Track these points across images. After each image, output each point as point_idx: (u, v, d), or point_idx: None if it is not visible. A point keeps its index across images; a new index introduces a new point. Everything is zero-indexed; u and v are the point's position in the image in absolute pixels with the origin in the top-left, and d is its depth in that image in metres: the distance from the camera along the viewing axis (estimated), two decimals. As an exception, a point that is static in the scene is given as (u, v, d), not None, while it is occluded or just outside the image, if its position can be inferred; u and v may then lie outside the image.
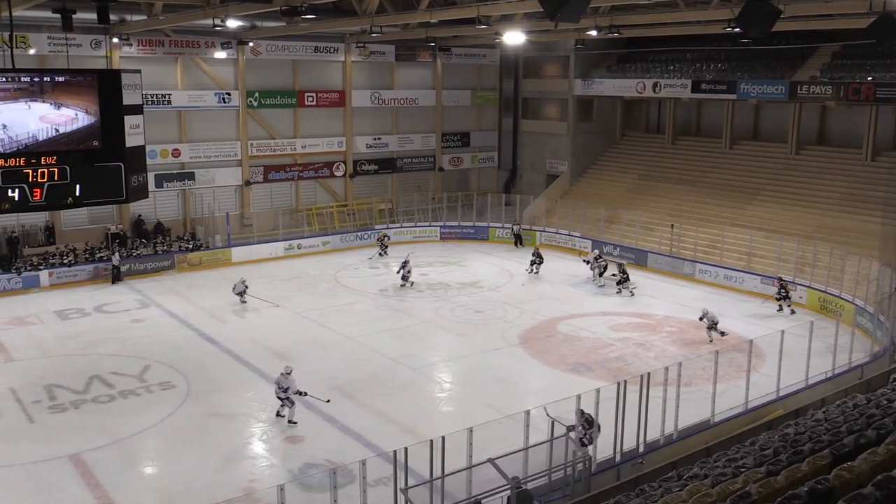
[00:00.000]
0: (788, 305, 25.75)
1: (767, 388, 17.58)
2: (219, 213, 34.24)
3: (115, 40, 31.32)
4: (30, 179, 16.84)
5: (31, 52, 29.52)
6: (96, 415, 18.36)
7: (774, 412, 16.67)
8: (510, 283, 29.75)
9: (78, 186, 17.37)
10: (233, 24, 28.47)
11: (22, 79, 17.04)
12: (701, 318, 23.18)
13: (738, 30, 21.26)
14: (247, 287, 27.06)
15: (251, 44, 34.73)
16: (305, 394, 17.75)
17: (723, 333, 22.89)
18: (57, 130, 17.12)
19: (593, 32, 28.76)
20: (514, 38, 30.45)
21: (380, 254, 33.93)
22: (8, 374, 20.80)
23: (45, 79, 17.24)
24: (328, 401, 18.26)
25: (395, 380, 20.28)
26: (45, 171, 16.91)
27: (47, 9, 22.02)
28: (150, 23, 28.38)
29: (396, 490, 12.17)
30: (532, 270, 30.74)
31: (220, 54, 34.06)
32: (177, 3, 26.01)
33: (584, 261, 29.57)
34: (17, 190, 16.65)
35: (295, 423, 17.54)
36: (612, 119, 41.76)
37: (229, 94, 34.94)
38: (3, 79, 16.88)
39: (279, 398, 17.72)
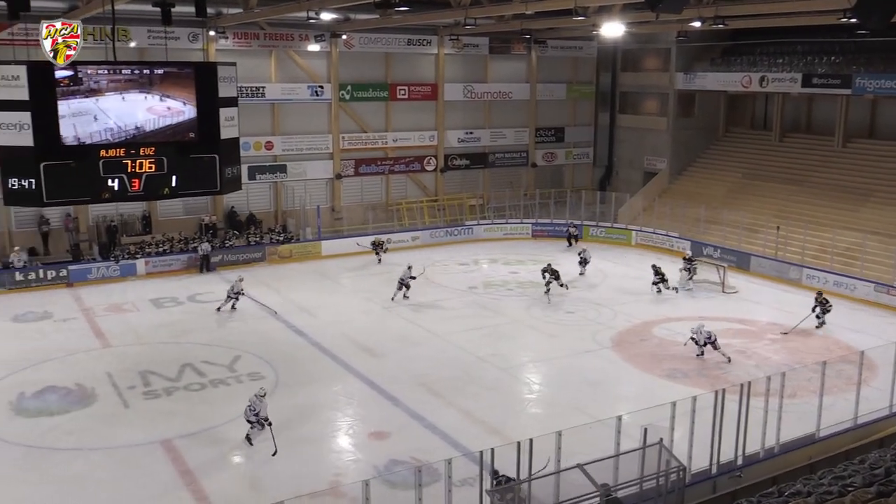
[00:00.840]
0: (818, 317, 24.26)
1: (879, 402, 16.87)
2: (310, 206, 34.94)
3: (212, 33, 32.36)
4: (129, 170, 17.59)
5: (132, 44, 30.74)
6: (188, 402, 19.02)
7: (887, 429, 16.00)
8: (603, 283, 29.38)
9: (174, 177, 18.07)
10: (326, 16, 29.06)
11: (122, 70, 17.83)
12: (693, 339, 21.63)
13: (854, 20, 20.46)
14: (242, 290, 25.89)
15: (344, 36, 35.30)
16: (270, 424, 16.38)
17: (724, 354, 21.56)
18: (163, 122, 17.81)
19: (697, 24, 28.09)
20: (612, 29, 30.05)
21: (378, 261, 32.62)
22: (105, 360, 21.77)
23: (145, 71, 18.00)
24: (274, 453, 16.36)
25: (482, 379, 20.32)
26: (144, 161, 17.64)
27: (147, 2, 22.85)
28: (246, 16, 29.18)
29: (482, 492, 12.20)
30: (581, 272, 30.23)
31: (314, 47, 34.77)
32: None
33: (654, 283, 28.64)
34: (116, 180, 17.44)
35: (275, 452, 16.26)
36: (715, 114, 40.75)
37: (322, 87, 35.60)
38: (106, 70, 17.72)
39: (248, 420, 16.50)
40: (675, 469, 13.21)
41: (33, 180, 16.58)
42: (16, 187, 16.74)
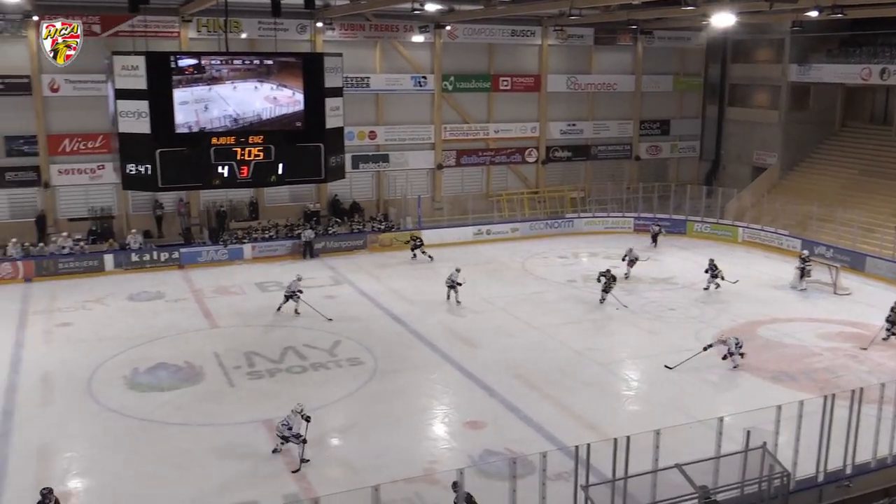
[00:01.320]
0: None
1: None
2: (411, 196, 35.29)
3: (319, 24, 32.97)
4: (238, 157, 18.10)
5: (243, 36, 31.63)
6: (289, 384, 19.51)
7: None
8: (707, 280, 28.63)
9: (281, 165, 18.50)
10: (431, 7, 29.24)
11: (241, 61, 18.34)
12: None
13: None
14: (300, 290, 24.63)
15: (448, 27, 35.43)
16: (305, 442, 15.37)
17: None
18: (279, 111, 18.26)
19: (813, 13, 26.96)
20: (723, 20, 29.16)
21: (413, 256, 31.86)
22: (213, 340, 22.56)
23: (258, 61, 18.47)
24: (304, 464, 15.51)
25: (580, 373, 20.12)
26: (253, 149, 18.12)
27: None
28: (353, 7, 29.64)
29: (577, 487, 12.07)
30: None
31: (418, 38, 35.02)
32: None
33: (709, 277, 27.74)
34: (226, 167, 17.97)
35: (307, 460, 15.39)
36: (831, 108, 39.14)
37: (425, 77, 35.84)
38: (217, 60, 18.25)
39: (282, 436, 15.54)
40: (778, 475, 12.77)
41: (149, 166, 17.27)
42: (133, 173, 17.47)
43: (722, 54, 41.66)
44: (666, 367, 20.43)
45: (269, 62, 18.42)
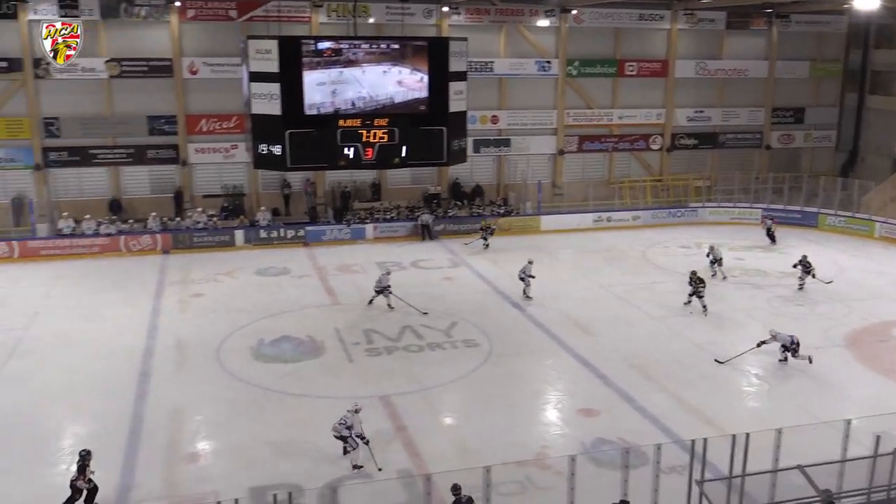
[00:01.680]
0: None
1: None
2: (531, 181, 35.12)
3: (446, 9, 33.14)
4: (363, 139, 18.45)
5: (371, 20, 32.10)
6: (406, 362, 19.83)
7: None
8: (839, 276, 27.29)
9: (404, 148, 18.76)
10: (558, -9, 28.89)
11: (362, 45, 18.65)
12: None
13: None
14: (389, 284, 23.63)
15: (574, 11, 34.94)
16: (367, 442, 14.59)
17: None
18: (412, 94, 18.50)
19: (969, -4, 25.26)
20: (866, 2, 27.62)
21: (485, 245, 30.87)
22: (334, 316, 23.16)
23: (390, 46, 18.72)
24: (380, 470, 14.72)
25: (698, 367, 19.59)
26: (378, 132, 18.43)
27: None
28: (480, -9, 29.62)
29: (691, 481, 11.82)
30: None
31: (544, 22, 34.71)
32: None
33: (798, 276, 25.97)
34: (352, 149, 18.36)
35: (361, 467, 14.56)
36: None
37: (549, 62, 35.52)
38: (346, 45, 18.61)
39: (340, 436, 14.64)
40: (908, 482, 12.15)
41: (279, 146, 17.83)
42: (264, 153, 18.09)
43: (864, 39, 39.46)
44: (717, 360, 19.86)
45: (396, 46, 18.66)
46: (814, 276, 25.54)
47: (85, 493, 13.34)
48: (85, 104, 31.44)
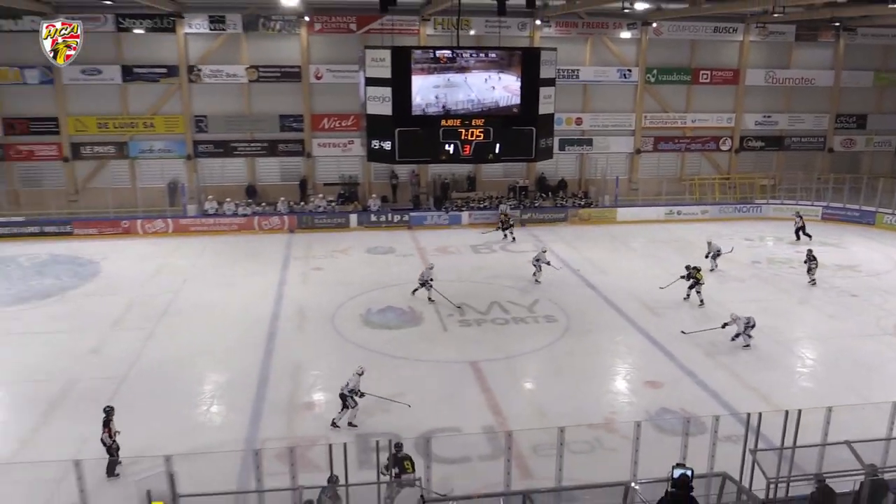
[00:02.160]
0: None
1: None
2: (610, 177, 34.57)
3: (538, 22, 32.81)
4: (462, 137, 18.49)
5: (471, 32, 32.08)
6: (493, 333, 19.93)
7: None
8: (894, 270, 25.99)
9: (498, 145, 18.70)
10: (640, 6, 28.28)
11: (464, 54, 18.62)
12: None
13: None
14: (432, 278, 22.54)
15: (654, 24, 34.08)
16: (362, 395, 14.74)
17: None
18: (514, 100, 18.44)
19: None
20: (932, 17, 26.00)
21: (504, 236, 29.80)
22: (432, 290, 23.39)
23: (488, 55, 18.68)
24: (408, 406, 15.41)
25: (757, 349, 18.97)
26: (475, 131, 18.45)
27: (488, -4, 23.57)
28: (569, 7, 29.23)
29: (745, 450, 11.54)
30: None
31: (626, 34, 34.00)
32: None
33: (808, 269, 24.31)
34: (452, 145, 18.42)
35: (356, 426, 14.65)
36: None
37: (630, 70, 34.78)
38: (449, 54, 18.63)
39: (340, 394, 14.75)
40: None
41: (389, 142, 18.05)
42: (376, 147, 18.35)
43: (928, 51, 37.19)
44: (682, 332, 19.58)
45: (493, 55, 18.61)
46: (811, 269, 24.22)
47: (111, 447, 12.99)
48: (228, 104, 32.55)
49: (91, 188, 32.23)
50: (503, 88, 18.51)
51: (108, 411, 13.26)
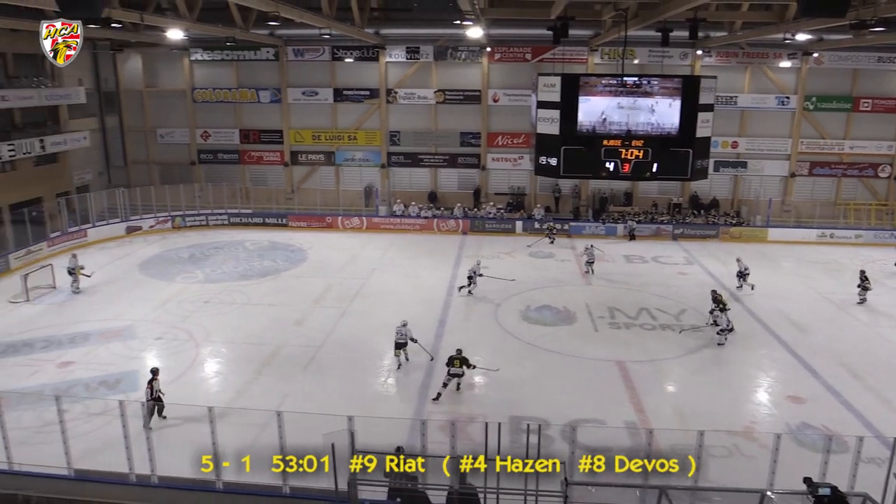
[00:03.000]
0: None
1: None
2: (763, 198, 32.15)
3: (699, 52, 31.12)
4: (622, 156, 17.96)
5: (635, 61, 30.99)
6: (640, 337, 19.16)
7: None
8: None
9: (655, 165, 18.00)
10: (801, 37, 25.99)
11: (628, 81, 18.05)
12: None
13: None
14: (480, 273, 22.85)
15: (815, 55, 31.23)
16: (415, 341, 16.90)
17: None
18: (658, 121, 17.73)
19: None
20: None
21: (550, 241, 29.60)
22: (585, 293, 22.93)
23: (645, 81, 18.04)
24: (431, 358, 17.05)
25: (908, 373, 16.95)
26: (634, 151, 17.86)
27: (651, 28, 22.69)
28: (730, 38, 27.46)
29: (889, 474, 10.30)
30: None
31: (785, 64, 31.43)
32: (755, 21, 24.65)
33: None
34: (612, 163, 17.95)
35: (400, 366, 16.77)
36: None
37: (788, 98, 32.13)
38: (615, 81, 18.13)
39: (398, 343, 16.76)
40: None
41: (555, 159, 17.88)
42: (543, 163, 18.25)
43: None
44: (681, 331, 19.28)
45: (656, 82, 17.91)
46: (864, 290, 21.86)
47: (154, 404, 13.30)
48: (418, 122, 33.61)
49: (304, 188, 34.48)
50: (663, 112, 17.78)
51: (154, 371, 13.87)
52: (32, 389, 15.02)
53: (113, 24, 25.13)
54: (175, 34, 25.40)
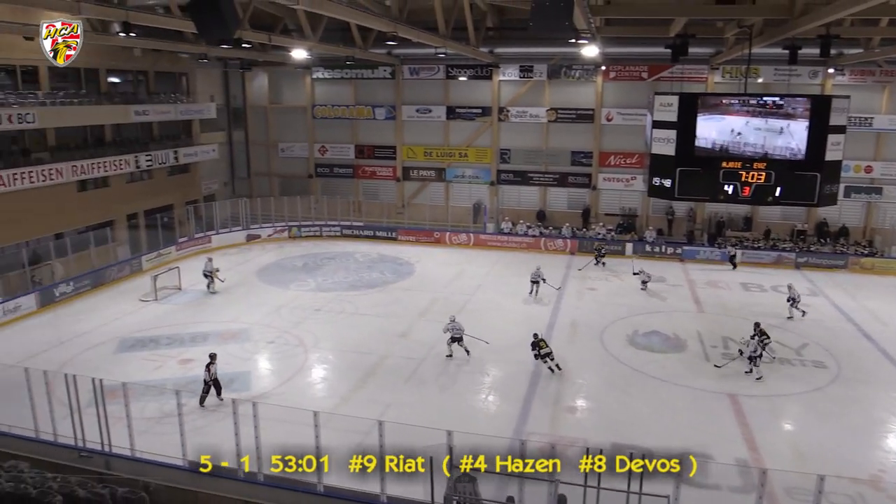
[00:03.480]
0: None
1: None
2: (901, 227, 29.71)
3: (831, 70, 29.30)
4: (742, 179, 17.17)
5: (759, 80, 29.60)
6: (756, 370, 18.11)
7: None
8: None
9: (779, 189, 17.06)
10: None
11: (751, 101, 17.26)
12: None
13: None
14: (544, 278, 24.05)
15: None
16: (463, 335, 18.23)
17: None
18: (784, 143, 16.82)
19: None
20: None
21: (599, 262, 28.78)
22: (698, 321, 21.98)
23: (769, 100, 17.19)
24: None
25: None
26: (755, 174, 17.02)
27: (778, 46, 21.65)
28: (866, 55, 25.69)
29: None
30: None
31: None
32: (895, 37, 22.92)
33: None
34: (731, 186, 17.19)
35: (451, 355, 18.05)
36: None
37: (932, 119, 29.57)
38: (736, 100, 17.40)
39: (454, 338, 18.18)
40: None
41: (670, 180, 17.31)
42: (657, 184, 17.70)
43: None
44: (715, 366, 18.03)
45: (781, 102, 17.01)
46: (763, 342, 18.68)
47: (210, 385, 14.84)
48: (528, 140, 33.61)
49: (414, 204, 35.24)
50: (790, 133, 16.83)
51: (212, 356, 15.22)
52: (156, 383, 16.15)
53: (244, 45, 26.90)
54: (299, 53, 26.81)
